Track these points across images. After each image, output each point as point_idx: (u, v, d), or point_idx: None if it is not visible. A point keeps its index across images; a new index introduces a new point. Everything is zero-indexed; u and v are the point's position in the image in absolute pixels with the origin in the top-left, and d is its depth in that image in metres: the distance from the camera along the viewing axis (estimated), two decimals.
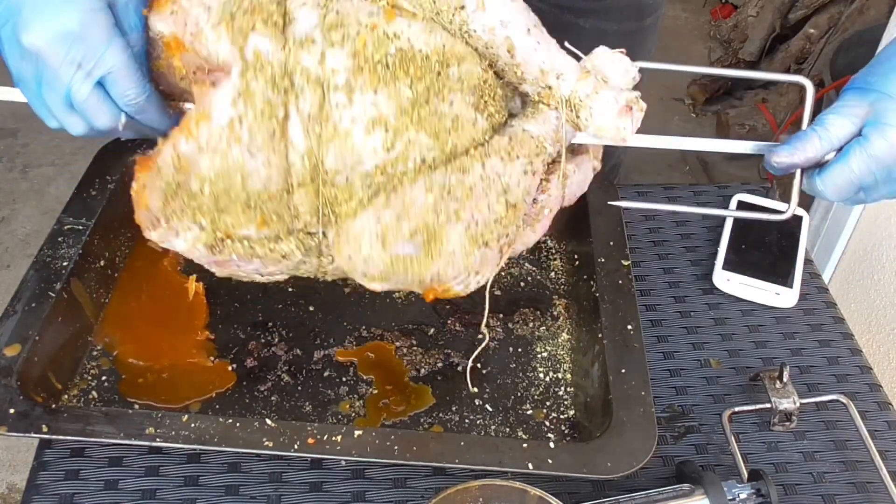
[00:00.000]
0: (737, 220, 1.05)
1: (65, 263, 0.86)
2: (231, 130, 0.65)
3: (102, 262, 0.91)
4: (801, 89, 0.72)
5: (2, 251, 2.37)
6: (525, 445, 0.74)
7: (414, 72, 0.66)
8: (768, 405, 0.83)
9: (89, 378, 0.84)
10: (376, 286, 0.73)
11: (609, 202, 0.84)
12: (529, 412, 0.84)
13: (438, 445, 0.74)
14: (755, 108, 2.68)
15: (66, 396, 0.82)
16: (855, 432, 0.83)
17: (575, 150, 0.77)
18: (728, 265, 1.00)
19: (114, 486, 0.78)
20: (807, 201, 2.12)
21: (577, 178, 0.78)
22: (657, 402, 0.87)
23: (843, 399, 0.86)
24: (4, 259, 2.35)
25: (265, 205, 0.68)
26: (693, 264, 1.03)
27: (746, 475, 0.77)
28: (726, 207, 1.07)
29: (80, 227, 0.90)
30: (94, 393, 0.83)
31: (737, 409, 0.85)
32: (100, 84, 0.65)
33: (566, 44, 0.74)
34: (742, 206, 1.06)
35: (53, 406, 0.77)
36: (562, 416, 0.84)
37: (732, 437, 0.81)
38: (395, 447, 0.73)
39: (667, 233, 1.07)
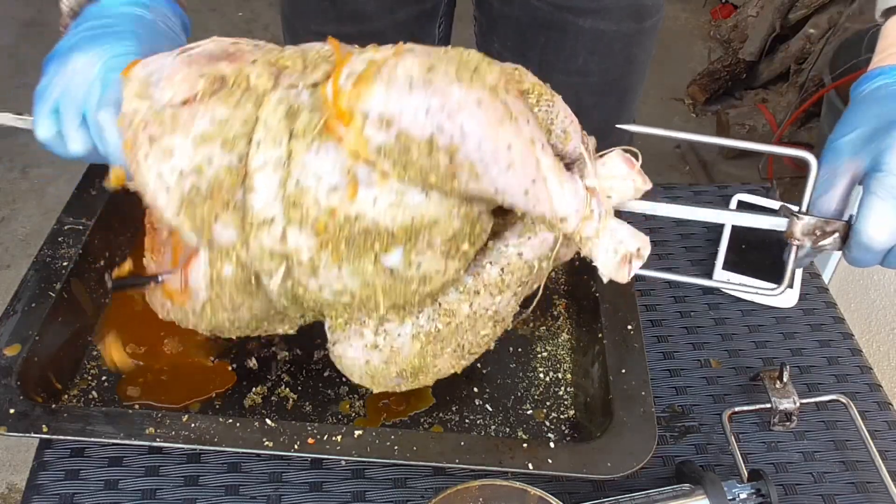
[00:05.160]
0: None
1: (65, 263, 0.86)
2: (211, 304, 0.72)
3: (102, 262, 0.91)
4: (806, 164, 0.69)
5: (2, 251, 2.37)
6: (525, 445, 0.74)
7: (379, 247, 0.65)
8: (768, 405, 0.83)
9: (89, 378, 0.84)
10: None
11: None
12: (529, 412, 0.84)
13: (438, 445, 0.74)
14: (755, 107, 2.68)
15: (66, 396, 0.82)
16: (855, 432, 0.83)
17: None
18: (728, 265, 1.00)
19: (114, 486, 0.78)
20: None
21: (569, 252, 0.77)
22: (657, 402, 0.87)
23: (843, 399, 0.86)
24: (4, 259, 2.35)
25: (259, 321, 0.75)
26: (693, 264, 1.03)
27: (746, 475, 0.77)
28: (726, 207, 1.07)
29: (80, 227, 0.90)
30: (94, 393, 0.83)
31: (737, 409, 0.85)
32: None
33: (583, 147, 0.71)
34: (742, 205, 1.06)
35: (53, 406, 0.77)
36: (562, 416, 0.84)
37: (732, 437, 0.81)
38: (395, 447, 0.73)
39: (667, 233, 1.06)
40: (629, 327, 0.85)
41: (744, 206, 1.06)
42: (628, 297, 0.88)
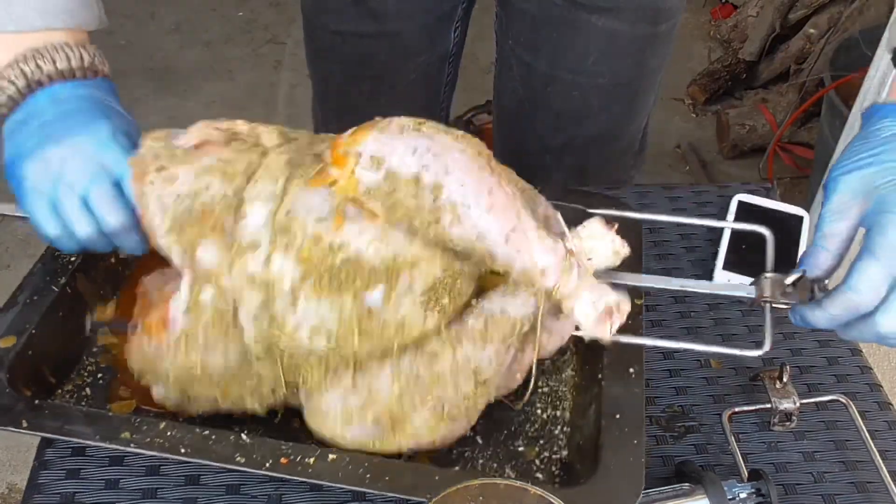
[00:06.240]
0: (736, 221, 1.04)
1: (72, 258, 0.86)
2: (186, 338, 0.73)
3: (113, 260, 0.90)
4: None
5: (2, 251, 2.36)
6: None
7: (360, 284, 0.68)
8: (768, 405, 0.83)
9: (85, 374, 0.84)
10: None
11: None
12: (521, 449, 0.81)
13: (412, 478, 0.71)
14: (755, 107, 2.68)
15: (59, 391, 0.82)
16: (855, 432, 0.83)
17: (555, 311, 0.76)
18: (728, 265, 0.99)
19: (114, 486, 0.78)
20: (807, 201, 2.12)
21: (555, 340, 0.79)
22: (657, 403, 0.87)
23: (843, 399, 0.86)
24: (4, 259, 2.34)
25: (230, 379, 0.74)
26: (693, 264, 1.02)
27: (746, 475, 0.77)
28: (726, 207, 1.06)
29: None
30: (87, 390, 0.83)
31: (737, 409, 0.85)
32: (116, 185, 0.73)
33: (558, 218, 0.77)
34: (742, 205, 1.06)
35: (36, 402, 0.75)
36: (554, 456, 0.81)
37: (732, 437, 0.81)
38: (367, 475, 0.70)
39: (667, 233, 1.06)
40: (631, 370, 0.79)
41: (744, 206, 1.06)
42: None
